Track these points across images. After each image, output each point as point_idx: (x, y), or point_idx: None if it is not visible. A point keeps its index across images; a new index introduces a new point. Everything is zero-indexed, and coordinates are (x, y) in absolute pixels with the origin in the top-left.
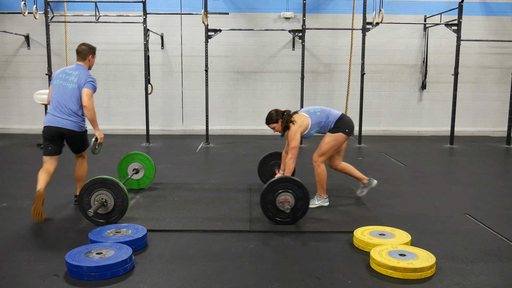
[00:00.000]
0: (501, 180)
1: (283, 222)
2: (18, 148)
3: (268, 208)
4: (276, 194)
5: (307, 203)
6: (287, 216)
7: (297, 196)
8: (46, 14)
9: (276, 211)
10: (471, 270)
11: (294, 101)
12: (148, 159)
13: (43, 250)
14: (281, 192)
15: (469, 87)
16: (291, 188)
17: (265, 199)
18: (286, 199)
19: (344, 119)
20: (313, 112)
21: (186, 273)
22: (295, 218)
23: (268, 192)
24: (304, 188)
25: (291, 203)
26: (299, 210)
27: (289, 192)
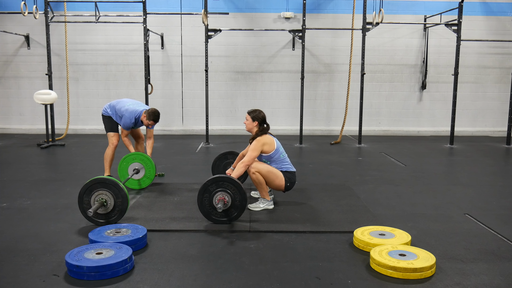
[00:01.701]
0: (501, 180)
1: (218, 221)
2: (18, 148)
3: (204, 204)
4: (213, 192)
5: (243, 205)
6: (221, 215)
7: (234, 197)
8: (46, 14)
9: (211, 208)
10: (471, 270)
11: (294, 101)
12: (149, 159)
13: (43, 250)
14: (219, 191)
15: (469, 87)
16: (229, 188)
17: (202, 196)
18: (223, 198)
19: (292, 175)
20: (281, 151)
21: (186, 273)
22: (230, 218)
23: (206, 188)
24: (241, 190)
25: (227, 203)
26: (236, 210)
27: (227, 192)
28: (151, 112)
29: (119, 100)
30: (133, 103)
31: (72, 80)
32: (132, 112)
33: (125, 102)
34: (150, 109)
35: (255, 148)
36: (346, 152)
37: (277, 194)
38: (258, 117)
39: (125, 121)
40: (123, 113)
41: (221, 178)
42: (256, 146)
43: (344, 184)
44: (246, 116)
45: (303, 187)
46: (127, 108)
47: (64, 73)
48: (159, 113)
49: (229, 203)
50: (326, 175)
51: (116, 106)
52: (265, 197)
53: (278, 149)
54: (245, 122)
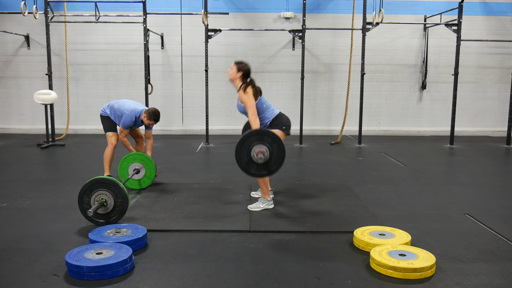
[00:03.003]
0: (501, 180)
1: (257, 174)
2: (18, 148)
3: (242, 159)
4: (251, 147)
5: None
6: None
7: (271, 149)
8: (46, 14)
9: (251, 162)
10: (471, 270)
11: (294, 101)
12: (149, 159)
13: (43, 250)
14: (255, 144)
15: (469, 87)
16: (267, 141)
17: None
18: (261, 151)
19: (281, 117)
20: (263, 101)
21: (186, 273)
22: (270, 171)
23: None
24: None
25: (266, 155)
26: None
27: (263, 144)
28: (151, 111)
29: (117, 101)
30: (133, 103)
31: (72, 80)
32: (133, 111)
33: (125, 102)
34: (150, 109)
35: (249, 97)
36: (346, 152)
37: (277, 193)
38: (243, 69)
39: (125, 120)
40: (123, 112)
41: (260, 131)
42: (248, 95)
43: (344, 184)
44: (232, 65)
45: (303, 187)
46: (127, 107)
47: (64, 73)
48: (160, 112)
49: (267, 155)
50: (326, 175)
51: (114, 105)
52: (265, 196)
53: (261, 99)
54: (229, 71)
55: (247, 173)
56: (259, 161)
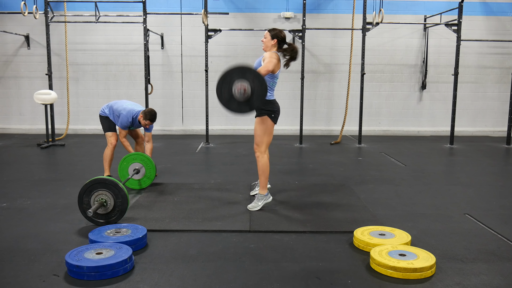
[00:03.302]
0: (501, 180)
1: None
2: (18, 148)
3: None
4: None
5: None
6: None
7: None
8: (46, 14)
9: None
10: (471, 270)
11: (294, 101)
12: (149, 159)
13: (43, 250)
14: (236, 81)
15: (469, 87)
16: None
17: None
18: (243, 87)
19: (274, 104)
20: (277, 81)
21: (186, 273)
22: (251, 106)
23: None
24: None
25: (247, 91)
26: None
27: (245, 80)
28: (147, 111)
29: (116, 101)
30: (131, 104)
31: (72, 80)
32: (130, 111)
33: (123, 102)
34: (146, 109)
35: (271, 62)
36: (346, 152)
37: (277, 193)
38: (278, 36)
39: (122, 120)
40: (121, 112)
41: (241, 67)
42: (272, 61)
43: (344, 184)
44: (265, 34)
45: (303, 187)
46: (124, 107)
47: (64, 73)
48: (156, 112)
49: (249, 92)
50: (326, 175)
51: (113, 106)
52: (262, 191)
53: (278, 74)
54: (262, 40)
55: (229, 109)
56: (240, 98)
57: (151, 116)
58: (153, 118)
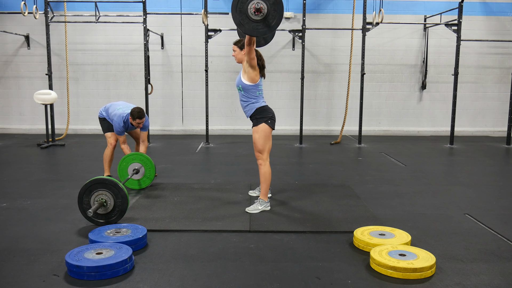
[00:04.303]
0: (501, 180)
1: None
2: (18, 148)
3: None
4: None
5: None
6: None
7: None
8: (46, 14)
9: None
10: (471, 270)
11: (294, 101)
12: (149, 159)
13: (43, 250)
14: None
15: (469, 87)
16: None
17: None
18: (260, 7)
19: (267, 110)
20: (260, 88)
21: (186, 273)
22: (270, 26)
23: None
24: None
25: (264, 11)
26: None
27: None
28: (133, 111)
29: (112, 103)
30: (123, 106)
31: (72, 80)
32: (120, 116)
33: (117, 105)
34: (132, 109)
35: (252, 68)
36: (346, 152)
37: (277, 193)
38: (242, 44)
39: (115, 126)
40: (113, 118)
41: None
42: (250, 69)
43: (344, 184)
44: (233, 47)
45: (303, 187)
46: (116, 112)
47: (64, 73)
48: (141, 109)
49: (265, 12)
50: (326, 175)
51: (109, 109)
52: (263, 197)
53: (259, 83)
54: (233, 55)
55: (242, 28)
56: (255, 17)
57: (138, 114)
58: (140, 115)
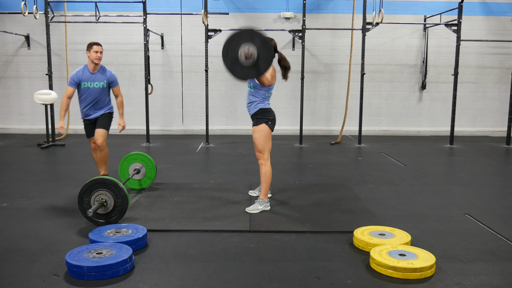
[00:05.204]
0: (501, 180)
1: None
2: (18, 148)
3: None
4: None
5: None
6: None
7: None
8: (46, 14)
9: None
10: (471, 270)
11: (294, 101)
12: (149, 160)
13: (43, 250)
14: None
15: (469, 87)
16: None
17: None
18: (251, 53)
19: (269, 113)
20: (271, 92)
21: (186, 273)
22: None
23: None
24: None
25: (253, 56)
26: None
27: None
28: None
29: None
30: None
31: None
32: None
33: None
34: None
35: (269, 72)
36: (346, 152)
37: (277, 193)
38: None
39: (71, 76)
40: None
41: (252, 31)
42: (270, 71)
43: (344, 184)
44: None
45: (303, 187)
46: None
47: (64, 73)
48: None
49: (255, 57)
50: (326, 175)
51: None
52: (263, 197)
53: (273, 86)
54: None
55: (233, 73)
56: (245, 63)
57: (91, 42)
58: (93, 42)
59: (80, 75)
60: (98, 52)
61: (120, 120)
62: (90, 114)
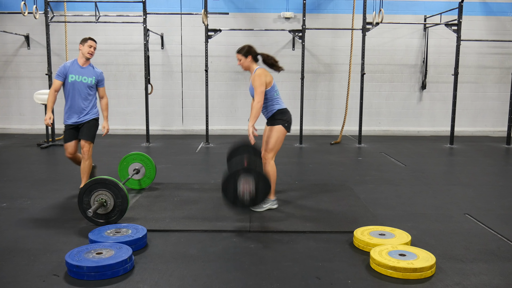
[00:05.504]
0: (501, 180)
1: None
2: (18, 148)
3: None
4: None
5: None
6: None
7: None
8: (46, 14)
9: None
10: (471, 270)
11: (294, 101)
12: (149, 160)
13: (43, 250)
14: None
15: (469, 87)
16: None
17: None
18: (248, 190)
19: (286, 114)
20: (276, 89)
21: (186, 273)
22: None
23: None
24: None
25: (253, 193)
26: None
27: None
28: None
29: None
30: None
31: None
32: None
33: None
34: None
35: (261, 83)
36: (346, 152)
37: (277, 193)
38: (249, 51)
39: (58, 69)
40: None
41: (246, 169)
42: (260, 81)
43: (344, 184)
44: (237, 55)
45: (303, 187)
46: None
47: None
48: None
49: (254, 193)
50: (326, 175)
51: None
52: (270, 196)
53: (274, 85)
54: (239, 63)
55: (235, 208)
56: (246, 202)
57: (86, 37)
58: (88, 37)
59: (68, 67)
60: (92, 47)
61: (105, 123)
62: (74, 116)
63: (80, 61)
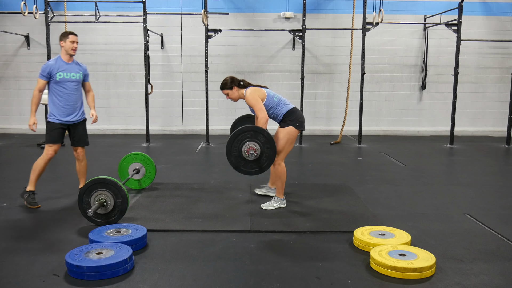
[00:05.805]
0: (501, 180)
1: (248, 172)
2: (18, 148)
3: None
4: (242, 143)
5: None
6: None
7: (262, 145)
8: (46, 14)
9: (241, 160)
10: (471, 270)
11: (294, 101)
12: (149, 160)
13: (43, 250)
14: (247, 141)
15: (469, 87)
16: (257, 137)
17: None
18: (252, 148)
19: (295, 113)
20: (272, 95)
21: (186, 273)
22: (261, 168)
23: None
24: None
25: (257, 152)
26: (266, 160)
27: (255, 142)
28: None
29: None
30: None
31: None
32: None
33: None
34: None
35: (256, 100)
36: (346, 152)
37: None
38: (232, 82)
39: (42, 67)
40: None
41: (250, 128)
42: (255, 98)
43: (344, 184)
44: (223, 92)
45: (303, 187)
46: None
47: None
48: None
49: (259, 153)
50: (326, 175)
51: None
52: (279, 195)
53: (269, 94)
54: (228, 98)
55: (237, 169)
56: (250, 157)
57: (66, 31)
58: (69, 32)
59: (52, 65)
60: (75, 43)
61: (93, 111)
62: (69, 114)
63: (64, 58)
